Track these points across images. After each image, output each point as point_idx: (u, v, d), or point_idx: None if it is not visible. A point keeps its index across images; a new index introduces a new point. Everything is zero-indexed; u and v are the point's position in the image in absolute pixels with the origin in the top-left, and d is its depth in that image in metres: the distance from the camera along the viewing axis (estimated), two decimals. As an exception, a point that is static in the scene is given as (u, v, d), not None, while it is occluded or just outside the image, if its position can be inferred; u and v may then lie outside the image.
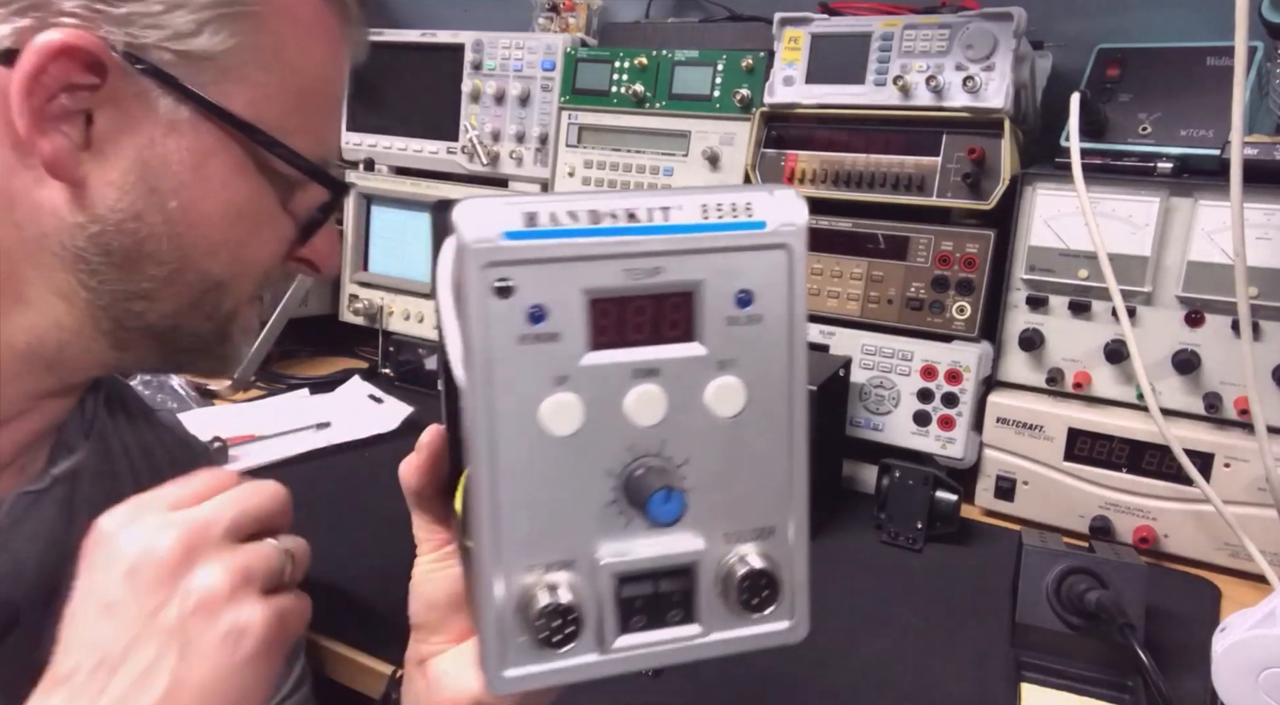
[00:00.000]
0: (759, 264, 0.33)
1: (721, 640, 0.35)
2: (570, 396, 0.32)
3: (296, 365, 1.54)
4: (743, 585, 0.35)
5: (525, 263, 0.31)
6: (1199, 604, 0.91)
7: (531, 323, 0.31)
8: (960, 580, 0.93)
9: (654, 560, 0.34)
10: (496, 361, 0.31)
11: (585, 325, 0.32)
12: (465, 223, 0.31)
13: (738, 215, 0.33)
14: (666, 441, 0.33)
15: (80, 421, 0.62)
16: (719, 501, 0.34)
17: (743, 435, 0.34)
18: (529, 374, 0.32)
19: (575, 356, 0.32)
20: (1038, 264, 1.04)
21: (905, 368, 1.12)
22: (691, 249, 0.33)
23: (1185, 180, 0.97)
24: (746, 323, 0.34)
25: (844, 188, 1.15)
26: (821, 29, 1.15)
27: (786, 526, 0.36)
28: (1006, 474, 1.07)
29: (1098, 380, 1.04)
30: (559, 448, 0.32)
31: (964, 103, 1.06)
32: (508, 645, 0.33)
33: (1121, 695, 0.75)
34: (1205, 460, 0.95)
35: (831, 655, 0.79)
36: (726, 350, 0.33)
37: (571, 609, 0.32)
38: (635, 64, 1.28)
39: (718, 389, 0.34)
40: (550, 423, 0.32)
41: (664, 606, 0.34)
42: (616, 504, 0.33)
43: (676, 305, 0.33)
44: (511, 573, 0.33)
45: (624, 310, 0.32)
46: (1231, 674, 0.61)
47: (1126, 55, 1.07)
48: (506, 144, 1.40)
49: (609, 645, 0.34)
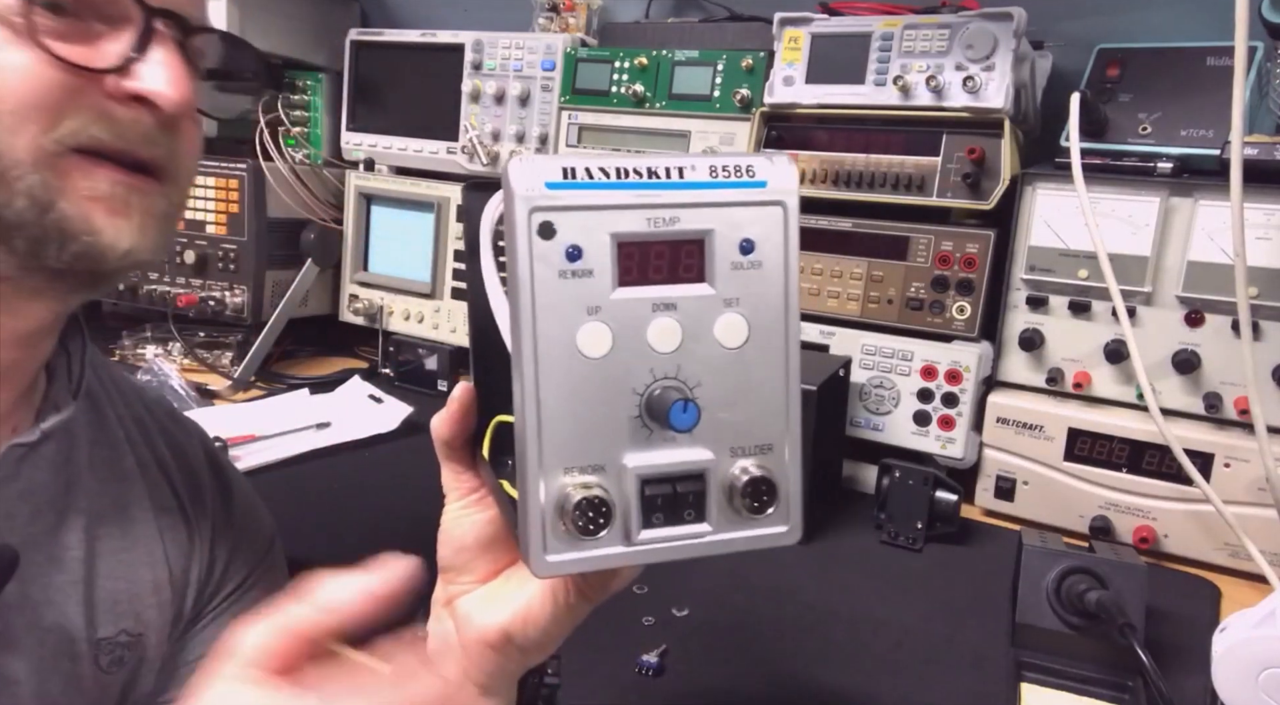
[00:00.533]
0: (760, 218, 0.39)
1: (728, 539, 0.40)
2: (601, 325, 0.37)
3: (296, 365, 1.54)
4: (746, 490, 0.39)
5: (564, 209, 0.36)
6: (1199, 604, 0.91)
7: (569, 260, 0.37)
8: (960, 580, 0.93)
9: (672, 466, 0.39)
10: (540, 292, 0.36)
11: (613, 265, 0.37)
12: (516, 175, 0.36)
13: (742, 175, 0.39)
14: (682, 366, 0.39)
15: (67, 383, 0.62)
16: (726, 420, 0.40)
17: (745, 364, 0.40)
18: (567, 304, 0.37)
19: (606, 291, 0.37)
20: (1038, 264, 1.04)
21: (905, 368, 1.12)
22: (703, 203, 0.38)
23: (1185, 180, 0.97)
24: (749, 268, 0.39)
25: (844, 188, 1.15)
26: (821, 29, 1.15)
27: (783, 445, 0.41)
28: (1006, 474, 1.07)
29: (1098, 380, 1.04)
30: (592, 368, 0.38)
31: (964, 103, 1.06)
32: (548, 534, 0.38)
33: (1121, 695, 0.75)
34: (1205, 460, 0.95)
35: (832, 655, 0.79)
36: (732, 290, 0.39)
37: (604, 503, 0.38)
38: (635, 64, 1.28)
39: (725, 323, 0.39)
40: (585, 346, 0.37)
41: (680, 506, 0.39)
42: (640, 418, 0.38)
43: (690, 251, 0.38)
44: (551, 473, 0.38)
45: (646, 253, 0.38)
46: (1231, 674, 0.61)
47: (1126, 55, 1.07)
48: (506, 144, 1.40)
49: (634, 538, 0.39)
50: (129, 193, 0.52)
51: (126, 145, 0.52)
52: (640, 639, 0.78)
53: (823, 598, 0.89)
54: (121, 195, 0.52)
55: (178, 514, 0.67)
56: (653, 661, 0.75)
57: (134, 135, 0.52)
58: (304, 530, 0.96)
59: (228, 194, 1.45)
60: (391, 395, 1.35)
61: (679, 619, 0.83)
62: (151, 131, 0.52)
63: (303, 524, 0.98)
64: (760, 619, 0.84)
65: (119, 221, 0.52)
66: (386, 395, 1.35)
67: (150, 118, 0.52)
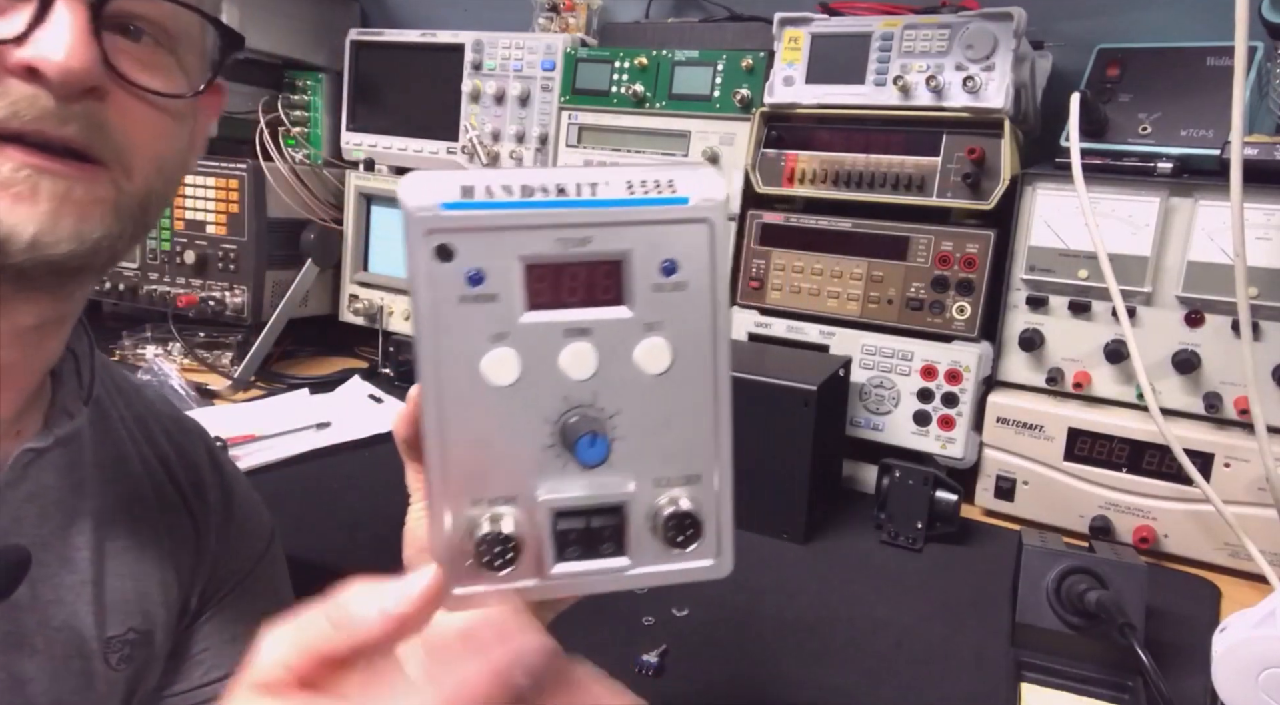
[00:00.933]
0: (683, 236, 0.37)
1: (650, 572, 0.39)
2: (508, 351, 0.36)
3: (296, 365, 1.54)
4: (669, 524, 0.38)
5: (462, 230, 0.35)
6: (1199, 604, 0.91)
7: (471, 284, 0.35)
8: (960, 580, 0.93)
9: (587, 498, 0.38)
10: (440, 318, 0.35)
11: (522, 288, 0.36)
12: (408, 194, 0.34)
13: (661, 191, 0.36)
14: (598, 394, 0.37)
15: (77, 388, 0.62)
16: (648, 449, 0.38)
17: (670, 391, 0.38)
18: (470, 330, 0.35)
19: (513, 315, 0.36)
20: (1038, 264, 1.04)
21: (905, 368, 1.12)
22: (618, 221, 0.36)
23: (1185, 180, 0.97)
24: (672, 289, 0.37)
25: (844, 188, 1.15)
26: (821, 29, 1.15)
27: (712, 475, 0.39)
28: (1006, 474, 1.07)
29: (1098, 380, 1.04)
30: (499, 396, 0.36)
31: (964, 103, 1.06)
32: (455, 568, 0.37)
33: (1121, 695, 0.75)
34: (1205, 460, 0.95)
35: (832, 655, 0.79)
36: (653, 314, 0.37)
37: (510, 538, 0.36)
38: (635, 64, 1.28)
39: (645, 348, 0.37)
40: (490, 373, 0.36)
41: (596, 540, 0.38)
42: (554, 448, 0.37)
43: (606, 272, 0.36)
44: (458, 505, 0.37)
45: (558, 275, 0.36)
46: (1231, 674, 0.61)
47: (1126, 55, 1.07)
48: (506, 144, 1.40)
49: (547, 571, 0.38)
50: (38, 177, 0.47)
51: (23, 125, 0.47)
52: (640, 639, 0.78)
53: (823, 598, 0.89)
54: (27, 180, 0.47)
55: (182, 512, 0.67)
56: (653, 661, 0.75)
57: (32, 112, 0.46)
58: (304, 530, 0.96)
59: (228, 194, 1.45)
60: (391, 395, 1.35)
61: (679, 619, 0.83)
62: (55, 107, 0.47)
63: (303, 524, 0.98)
64: (760, 619, 0.84)
65: (22, 208, 0.47)
66: (386, 395, 1.35)
67: (48, 91, 0.47)
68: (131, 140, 0.51)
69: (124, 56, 0.51)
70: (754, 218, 1.21)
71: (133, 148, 0.51)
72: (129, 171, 0.52)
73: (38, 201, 0.47)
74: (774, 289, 1.20)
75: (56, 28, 0.47)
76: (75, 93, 0.47)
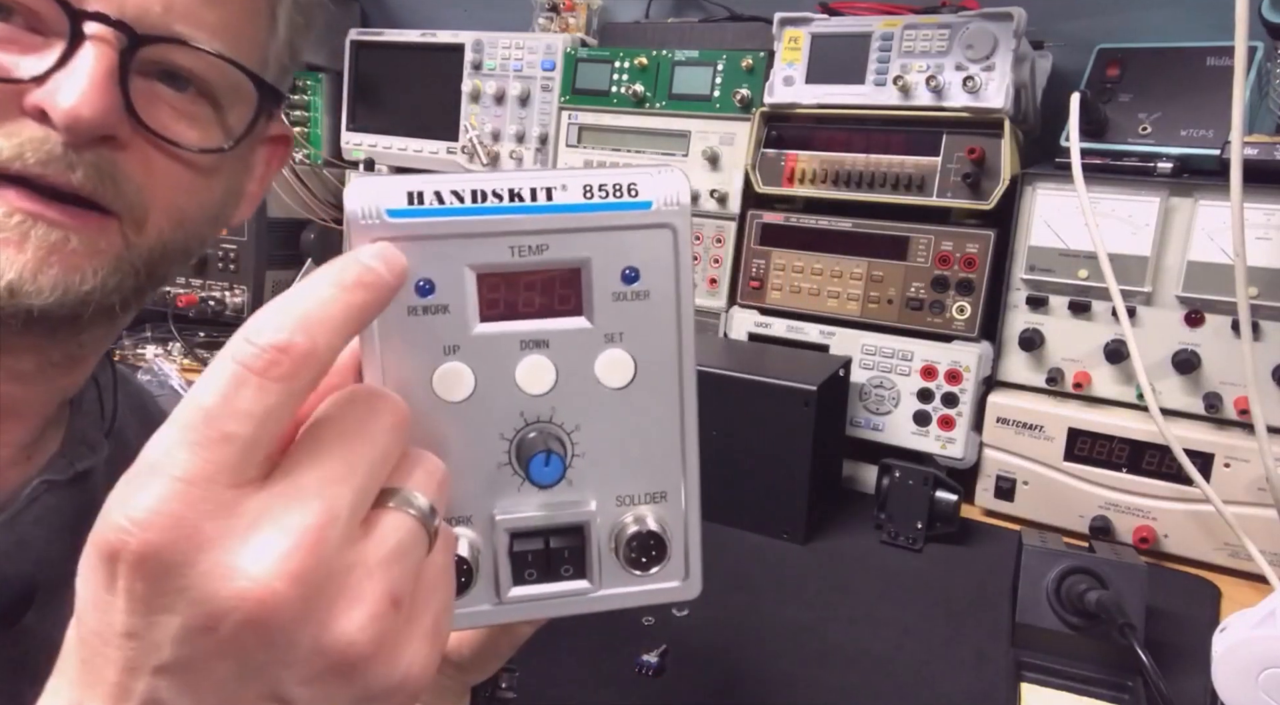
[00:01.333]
0: (645, 243, 0.35)
1: (614, 595, 0.37)
2: (460, 365, 0.34)
3: (296, 365, 1.54)
4: (631, 545, 0.36)
5: (409, 239, 0.32)
6: (1199, 604, 0.91)
7: (419, 295, 0.33)
8: (960, 580, 0.93)
9: (545, 518, 0.36)
10: (386, 331, 0.33)
11: (474, 298, 0.34)
12: (352, 201, 0.32)
13: (622, 195, 0.34)
14: (557, 409, 0.35)
15: (100, 421, 0.61)
16: (610, 466, 0.36)
17: (632, 405, 0.36)
18: (419, 343, 0.33)
19: (466, 327, 0.34)
20: (1038, 264, 1.04)
21: (905, 368, 1.12)
22: (576, 228, 0.34)
23: (1185, 180, 0.97)
24: (633, 299, 0.35)
25: (844, 188, 1.15)
26: (821, 29, 1.15)
27: (679, 492, 0.37)
28: (1006, 474, 1.07)
29: (1098, 380, 1.04)
30: (452, 412, 0.34)
31: (964, 103, 1.06)
32: None
33: (1121, 695, 0.75)
34: (1205, 460, 0.95)
35: (832, 655, 0.79)
36: (614, 324, 0.35)
37: (464, 561, 0.34)
38: (635, 64, 1.28)
39: (606, 361, 0.35)
40: (442, 389, 0.34)
41: (555, 562, 0.36)
42: (510, 466, 0.35)
43: (564, 281, 0.34)
44: None
45: (513, 284, 0.34)
46: (1231, 674, 0.61)
47: (1126, 55, 1.07)
48: (506, 144, 1.40)
49: (504, 595, 0.36)
50: (30, 224, 0.46)
51: (25, 167, 0.45)
52: (640, 639, 0.78)
53: (823, 598, 0.89)
54: (18, 226, 0.45)
55: None
56: (653, 661, 0.75)
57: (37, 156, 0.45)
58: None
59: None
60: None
61: (679, 619, 0.83)
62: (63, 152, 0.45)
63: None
64: (760, 619, 0.84)
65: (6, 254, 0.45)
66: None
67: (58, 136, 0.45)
68: (148, 192, 0.50)
69: (160, 105, 0.50)
70: (754, 218, 1.21)
71: (148, 200, 0.50)
72: (140, 224, 0.50)
73: (24, 249, 0.46)
74: (774, 289, 1.20)
75: (76, 72, 0.46)
76: (84, 140, 0.46)
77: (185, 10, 0.48)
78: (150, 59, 0.48)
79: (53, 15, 0.46)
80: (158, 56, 0.49)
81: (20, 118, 0.45)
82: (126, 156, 0.48)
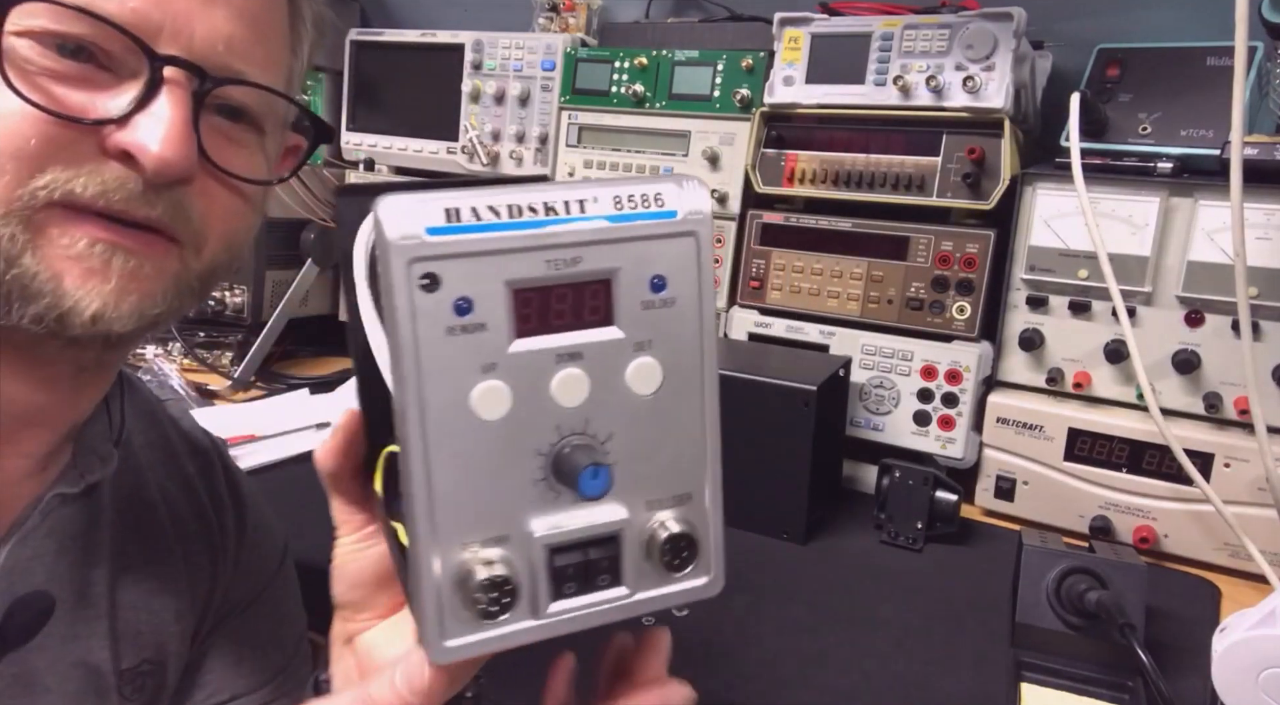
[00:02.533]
0: (671, 251, 0.35)
1: (647, 598, 0.38)
2: (499, 383, 0.33)
3: (296, 365, 1.54)
4: (665, 548, 0.37)
5: (449, 257, 0.32)
6: (1199, 604, 0.91)
7: (458, 314, 0.33)
8: (960, 580, 0.93)
9: (583, 531, 0.36)
10: (426, 353, 0.32)
11: (509, 314, 0.33)
12: (389, 220, 0.32)
13: (649, 206, 0.35)
14: (590, 420, 0.35)
15: (109, 430, 0.61)
16: (641, 473, 0.37)
17: (661, 411, 0.36)
18: (458, 364, 0.33)
19: (502, 345, 0.34)
20: (1038, 264, 1.04)
21: (905, 368, 1.12)
22: (608, 239, 0.34)
23: (1185, 180, 0.97)
24: (661, 306, 0.36)
25: (844, 188, 1.15)
26: (821, 29, 1.15)
27: (703, 492, 0.38)
28: (1006, 474, 1.07)
29: (1098, 380, 1.04)
30: (489, 432, 0.34)
31: (964, 103, 1.06)
32: (446, 618, 0.34)
33: (1121, 695, 0.75)
34: (1205, 460, 0.95)
35: (832, 655, 0.79)
36: (643, 332, 0.35)
37: (508, 581, 0.34)
38: (635, 64, 1.28)
39: (636, 369, 0.36)
40: (480, 409, 0.33)
41: (593, 573, 0.36)
42: (546, 481, 0.35)
43: (595, 292, 0.35)
44: (448, 551, 0.34)
45: (546, 298, 0.34)
46: (1231, 674, 0.61)
47: (1126, 55, 1.07)
48: (506, 144, 1.40)
49: (543, 611, 0.36)
50: (111, 253, 0.48)
51: (109, 205, 0.47)
52: (640, 639, 0.78)
53: (823, 598, 0.89)
54: (101, 255, 0.47)
55: (199, 539, 0.67)
56: (653, 661, 0.75)
57: (121, 195, 0.47)
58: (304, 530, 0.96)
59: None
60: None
61: (679, 619, 0.83)
62: (141, 191, 0.48)
63: (302, 524, 0.98)
64: (760, 619, 0.84)
65: (92, 284, 0.47)
66: (386, 395, 1.35)
67: (139, 176, 0.47)
68: (208, 221, 0.52)
69: (220, 138, 0.52)
70: (754, 218, 1.21)
71: (208, 229, 0.52)
72: (200, 251, 0.52)
73: (108, 279, 0.48)
74: (774, 289, 1.20)
75: (158, 116, 0.47)
76: (166, 182, 0.48)
77: (242, 49, 0.51)
78: (216, 98, 0.51)
79: (126, 56, 0.47)
80: (223, 96, 0.51)
81: (100, 158, 0.47)
82: (193, 191, 0.50)
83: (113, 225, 0.48)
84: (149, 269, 0.49)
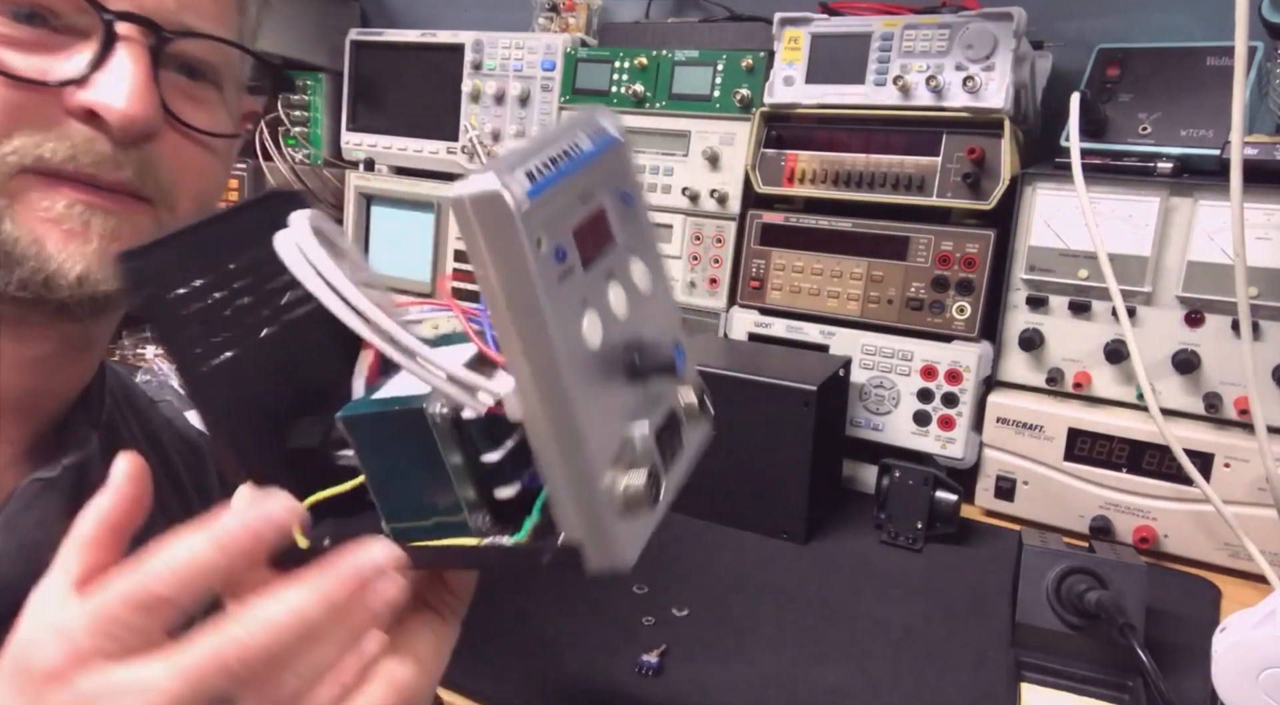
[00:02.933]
0: (620, 164, 0.41)
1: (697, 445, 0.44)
2: (592, 312, 0.37)
3: (296, 365, 1.54)
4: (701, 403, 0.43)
5: (545, 213, 0.35)
6: (1199, 604, 0.91)
7: (559, 261, 0.36)
8: (960, 580, 0.93)
9: (662, 412, 0.41)
10: (555, 305, 0.35)
11: (574, 250, 0.37)
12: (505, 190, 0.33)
13: (604, 134, 0.41)
14: (631, 323, 0.40)
15: (87, 415, 0.61)
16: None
17: (657, 300, 0.42)
18: (572, 307, 0.36)
19: (582, 279, 0.37)
20: (1038, 264, 1.04)
21: (905, 368, 1.12)
22: (598, 168, 0.39)
23: (1185, 180, 0.97)
24: (628, 216, 0.41)
25: (844, 188, 1.15)
26: (821, 29, 1.15)
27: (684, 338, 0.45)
28: (1006, 474, 1.07)
29: (1098, 380, 1.04)
30: (596, 358, 0.37)
31: (964, 103, 1.06)
32: (624, 529, 0.37)
33: (1121, 695, 0.75)
34: (1205, 460, 0.95)
35: (832, 655, 0.79)
36: (628, 240, 0.41)
37: (654, 474, 0.38)
38: (635, 64, 1.28)
39: (637, 271, 0.41)
40: (590, 339, 0.37)
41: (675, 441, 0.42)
42: (630, 383, 0.39)
43: (602, 216, 0.40)
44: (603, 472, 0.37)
45: (585, 231, 0.38)
46: (1231, 674, 0.61)
47: (1126, 55, 1.07)
48: (507, 144, 1.40)
49: (672, 483, 0.41)
50: (90, 214, 0.48)
51: (79, 169, 0.47)
52: (640, 639, 0.78)
53: (823, 598, 0.89)
54: (80, 216, 0.48)
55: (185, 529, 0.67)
56: (653, 661, 0.75)
57: (90, 157, 0.47)
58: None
59: (227, 194, 1.45)
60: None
61: (679, 619, 0.83)
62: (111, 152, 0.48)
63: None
64: (760, 619, 0.84)
65: (74, 246, 0.48)
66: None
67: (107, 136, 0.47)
68: (179, 179, 0.52)
69: (178, 94, 0.52)
70: (754, 218, 1.21)
71: (179, 186, 0.52)
72: (173, 209, 0.53)
73: (89, 239, 0.48)
74: (774, 289, 1.20)
75: (118, 72, 0.47)
76: (133, 139, 0.48)
77: (192, 3, 0.51)
78: (172, 53, 0.51)
79: (77, 15, 0.47)
80: (178, 50, 0.51)
81: (65, 119, 0.47)
82: (160, 148, 0.51)
83: (88, 188, 0.48)
84: (127, 229, 0.50)
